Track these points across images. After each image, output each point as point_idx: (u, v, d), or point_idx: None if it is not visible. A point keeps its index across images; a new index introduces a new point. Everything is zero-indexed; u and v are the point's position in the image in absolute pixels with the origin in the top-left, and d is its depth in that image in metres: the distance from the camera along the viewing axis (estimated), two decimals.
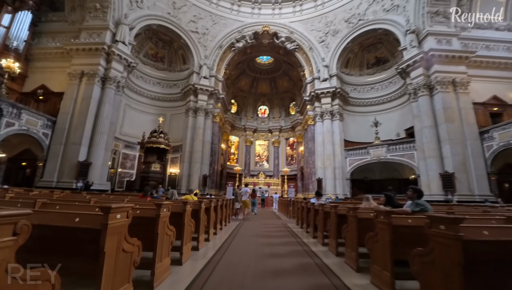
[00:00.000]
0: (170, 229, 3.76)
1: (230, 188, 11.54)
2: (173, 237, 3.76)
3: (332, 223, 5.28)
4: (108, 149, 15.34)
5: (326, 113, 19.47)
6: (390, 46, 19.94)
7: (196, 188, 18.13)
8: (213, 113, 20.82)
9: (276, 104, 30.75)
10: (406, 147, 16.02)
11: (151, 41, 21.14)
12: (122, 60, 16.09)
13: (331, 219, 5.40)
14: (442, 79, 14.27)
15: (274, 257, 4.77)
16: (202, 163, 19.15)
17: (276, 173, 28.23)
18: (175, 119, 21.33)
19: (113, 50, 15.45)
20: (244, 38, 22.02)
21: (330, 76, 20.03)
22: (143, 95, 20.88)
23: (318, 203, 6.56)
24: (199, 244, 5.21)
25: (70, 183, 13.37)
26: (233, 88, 28.96)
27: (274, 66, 27.95)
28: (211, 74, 20.94)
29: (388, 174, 18.87)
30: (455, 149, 13.31)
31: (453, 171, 12.97)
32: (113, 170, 18.03)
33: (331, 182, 18.01)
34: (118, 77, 15.96)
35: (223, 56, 22.19)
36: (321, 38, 21.33)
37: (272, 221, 11.61)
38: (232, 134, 29.05)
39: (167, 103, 21.67)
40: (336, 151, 18.58)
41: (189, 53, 21.25)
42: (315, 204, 6.63)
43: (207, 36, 21.58)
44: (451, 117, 13.79)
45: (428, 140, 14.07)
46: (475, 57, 14.96)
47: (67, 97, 14.79)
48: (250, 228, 8.77)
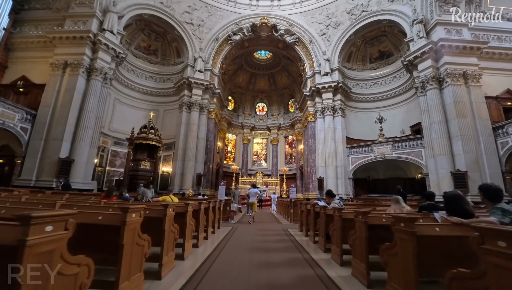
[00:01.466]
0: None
1: (222, 187, 10.22)
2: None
3: (359, 237, 3.77)
4: (93, 145, 14.23)
5: (327, 109, 18.47)
6: (394, 39, 19.01)
7: (189, 187, 17.08)
8: (208, 109, 19.75)
9: (274, 101, 29.73)
10: (413, 144, 15.07)
11: (143, 33, 20.03)
12: (109, 50, 14.99)
13: (357, 232, 3.86)
14: (452, 72, 13.32)
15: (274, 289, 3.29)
16: (196, 161, 18.07)
17: (274, 172, 27.22)
18: (168, 115, 20.25)
19: (100, 39, 14.35)
20: (242, 30, 20.98)
21: (332, 71, 19.04)
22: (135, 90, 19.78)
23: (331, 206, 5.16)
24: (161, 270, 3.62)
25: (50, 182, 12.24)
26: (230, 84, 27.91)
27: (273, 61, 26.91)
28: (207, 68, 19.87)
29: (392, 173, 17.93)
30: (468, 145, 12.35)
31: (466, 170, 12.01)
32: (101, 168, 16.91)
33: (333, 181, 17.01)
34: (105, 69, 14.85)
35: (219, 50, 21.14)
36: (322, 31, 20.34)
37: (271, 225, 10.23)
38: (229, 132, 27.99)
39: (160, 98, 20.59)
40: (338, 148, 17.59)
41: (183, 45, 20.18)
42: (328, 208, 5.19)
43: (202, 28, 20.52)
44: (463, 111, 12.84)
45: (438, 137, 13.11)
46: (487, 48, 14.05)
47: (49, 89, 13.66)
48: (243, 236, 7.24)
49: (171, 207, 4.05)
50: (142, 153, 15.54)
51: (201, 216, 5.54)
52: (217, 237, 6.87)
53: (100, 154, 16.99)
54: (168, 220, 4.03)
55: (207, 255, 4.76)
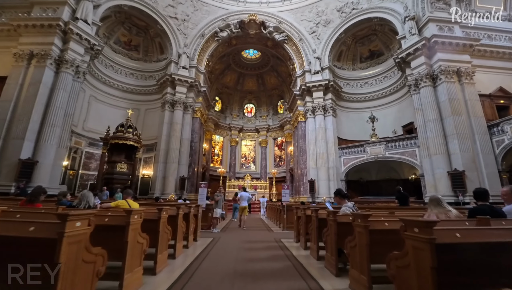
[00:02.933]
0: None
1: (202, 190, 8.68)
2: None
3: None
4: (62, 145, 12.74)
5: (318, 108, 17.79)
6: (385, 38, 18.72)
7: (172, 191, 15.80)
8: (193, 108, 18.60)
9: (263, 102, 28.91)
10: (407, 143, 14.56)
11: (123, 27, 18.73)
12: (83, 41, 13.64)
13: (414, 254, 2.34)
14: (446, 69, 12.94)
15: None
16: (179, 163, 16.81)
17: (263, 175, 26.22)
18: (149, 115, 18.94)
19: (71, 28, 13.00)
20: (229, 27, 20.10)
21: (322, 69, 18.46)
22: (113, 87, 18.38)
23: (343, 212, 3.79)
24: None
25: (8, 187, 10.69)
26: (217, 84, 26.87)
27: (261, 61, 26.16)
28: (191, 65, 18.78)
29: (385, 175, 17.39)
30: (464, 144, 11.89)
31: (463, 169, 11.51)
32: (72, 172, 15.35)
33: (325, 183, 16.24)
34: (78, 61, 13.47)
35: (206, 46, 20.14)
36: (312, 29, 19.81)
37: (261, 234, 8.64)
38: (216, 134, 26.83)
39: (141, 97, 19.27)
40: (329, 149, 16.88)
41: (166, 41, 19.03)
42: (340, 214, 3.75)
43: (187, 23, 19.48)
44: (458, 109, 12.42)
45: (433, 135, 12.61)
46: (479, 46, 13.84)
47: (10, 82, 12.13)
48: (226, 251, 5.67)
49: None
50: (119, 155, 14.14)
51: (162, 228, 3.88)
52: (192, 252, 5.36)
53: (72, 155, 15.47)
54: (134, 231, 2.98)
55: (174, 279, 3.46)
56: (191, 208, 5.91)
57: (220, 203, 9.51)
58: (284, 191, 9.53)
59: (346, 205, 3.89)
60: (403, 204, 7.84)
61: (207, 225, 8.79)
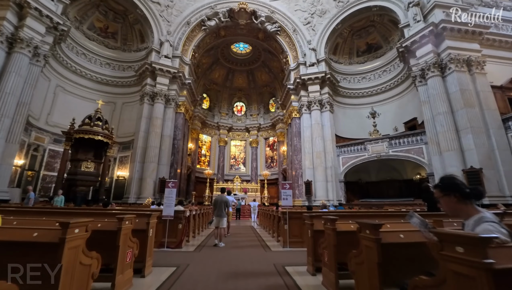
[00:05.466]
0: None
1: (170, 192, 6.18)
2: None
3: None
4: (13, 140, 10.57)
5: (314, 103, 16.33)
6: (384, 30, 17.60)
7: (150, 195, 13.82)
8: (176, 102, 16.71)
9: (254, 100, 27.29)
10: (413, 140, 13.26)
11: (98, 10, 16.74)
12: (43, 18, 11.61)
13: None
14: (456, 57, 11.76)
15: None
16: (159, 163, 14.85)
17: (254, 177, 24.47)
18: (127, 109, 16.93)
19: (29, 1, 10.97)
20: (217, 15, 18.45)
21: (318, 61, 17.08)
22: (86, 77, 16.32)
23: (486, 232, 1.38)
24: None
25: None
26: (205, 80, 25.09)
27: (252, 56, 24.60)
28: (175, 54, 16.95)
29: (386, 175, 16.05)
30: (479, 139, 10.65)
31: (480, 167, 10.22)
32: (31, 172, 13.12)
33: (322, 185, 14.70)
34: (36, 41, 11.40)
35: (191, 36, 18.40)
36: (306, 19, 18.48)
37: (253, 254, 5.78)
38: (203, 133, 24.94)
39: (118, 89, 17.25)
40: (327, 147, 15.40)
41: (147, 28, 17.15)
42: (425, 232, 1.79)
43: (171, 10, 17.70)
44: (471, 101, 11.21)
45: (444, 130, 11.32)
46: (488, 34, 12.79)
47: None
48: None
49: None
50: (86, 152, 12.04)
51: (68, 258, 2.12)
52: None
53: (32, 153, 13.27)
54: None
55: None
56: (150, 220, 4.05)
57: (222, 210, 7.07)
58: (284, 191, 6.81)
59: (485, 218, 1.50)
60: (432, 208, 5.86)
61: (176, 241, 6.15)
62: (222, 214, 7.09)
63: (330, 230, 3.37)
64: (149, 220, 4.01)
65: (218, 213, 7.07)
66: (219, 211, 7.08)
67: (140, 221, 3.95)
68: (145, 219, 4.01)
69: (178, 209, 6.34)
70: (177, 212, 6.23)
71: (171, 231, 6.05)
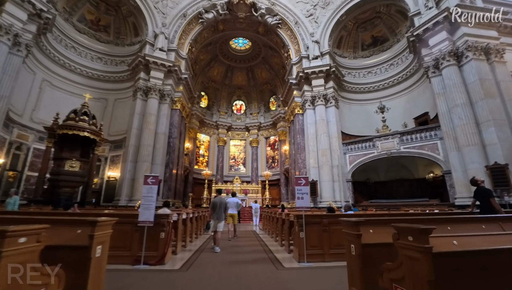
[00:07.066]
0: None
1: (149, 189, 5.21)
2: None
3: None
4: None
5: (318, 98, 15.39)
6: (391, 22, 16.73)
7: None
8: (172, 97, 15.73)
9: (254, 98, 26.34)
10: (427, 135, 12.30)
11: (89, 2, 15.81)
12: (25, 3, 10.68)
13: None
14: (473, 44, 10.85)
15: None
16: (153, 163, 13.83)
17: (254, 178, 23.43)
18: (119, 106, 15.95)
19: None
20: (215, 7, 17.55)
21: (322, 54, 16.17)
22: (75, 72, 15.36)
23: None
24: None
25: None
26: (203, 77, 24.15)
27: (252, 52, 23.70)
28: (171, 48, 16.02)
29: (395, 174, 15.07)
30: (503, 132, 9.71)
31: (506, 162, 9.25)
32: (12, 173, 12.07)
33: (329, 185, 13.70)
34: (17, 28, 10.47)
35: (188, 29, 17.47)
36: (308, 11, 17.60)
37: (260, 274, 4.29)
38: (202, 132, 23.93)
39: (111, 85, 16.30)
40: (333, 144, 14.43)
41: (141, 20, 16.23)
42: None
43: (166, 1, 16.81)
44: (491, 91, 10.29)
45: (463, 123, 10.37)
46: (506, 21, 11.89)
47: None
48: None
49: None
50: (72, 150, 10.99)
51: None
52: None
53: (14, 152, 12.25)
54: None
55: None
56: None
57: (220, 212, 6.32)
58: (299, 189, 5.07)
59: None
60: (486, 209, 4.71)
61: (158, 255, 4.71)
62: (221, 217, 6.37)
63: (417, 251, 1.80)
64: (94, 232, 2.31)
65: (218, 216, 6.32)
66: (219, 214, 6.34)
67: (79, 232, 2.40)
68: (87, 228, 2.34)
69: (162, 213, 5.28)
70: (159, 216, 4.99)
71: (151, 242, 4.68)
